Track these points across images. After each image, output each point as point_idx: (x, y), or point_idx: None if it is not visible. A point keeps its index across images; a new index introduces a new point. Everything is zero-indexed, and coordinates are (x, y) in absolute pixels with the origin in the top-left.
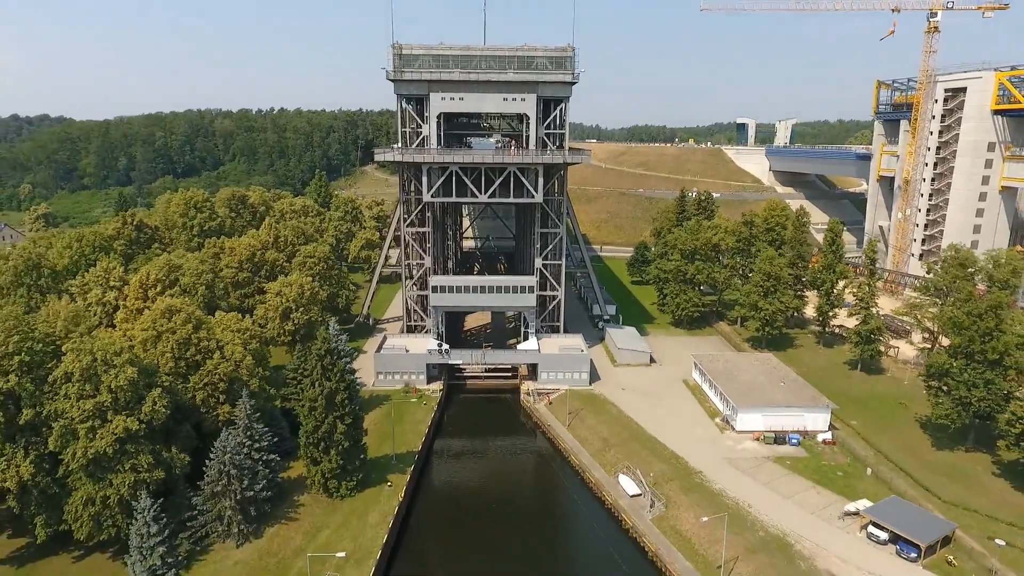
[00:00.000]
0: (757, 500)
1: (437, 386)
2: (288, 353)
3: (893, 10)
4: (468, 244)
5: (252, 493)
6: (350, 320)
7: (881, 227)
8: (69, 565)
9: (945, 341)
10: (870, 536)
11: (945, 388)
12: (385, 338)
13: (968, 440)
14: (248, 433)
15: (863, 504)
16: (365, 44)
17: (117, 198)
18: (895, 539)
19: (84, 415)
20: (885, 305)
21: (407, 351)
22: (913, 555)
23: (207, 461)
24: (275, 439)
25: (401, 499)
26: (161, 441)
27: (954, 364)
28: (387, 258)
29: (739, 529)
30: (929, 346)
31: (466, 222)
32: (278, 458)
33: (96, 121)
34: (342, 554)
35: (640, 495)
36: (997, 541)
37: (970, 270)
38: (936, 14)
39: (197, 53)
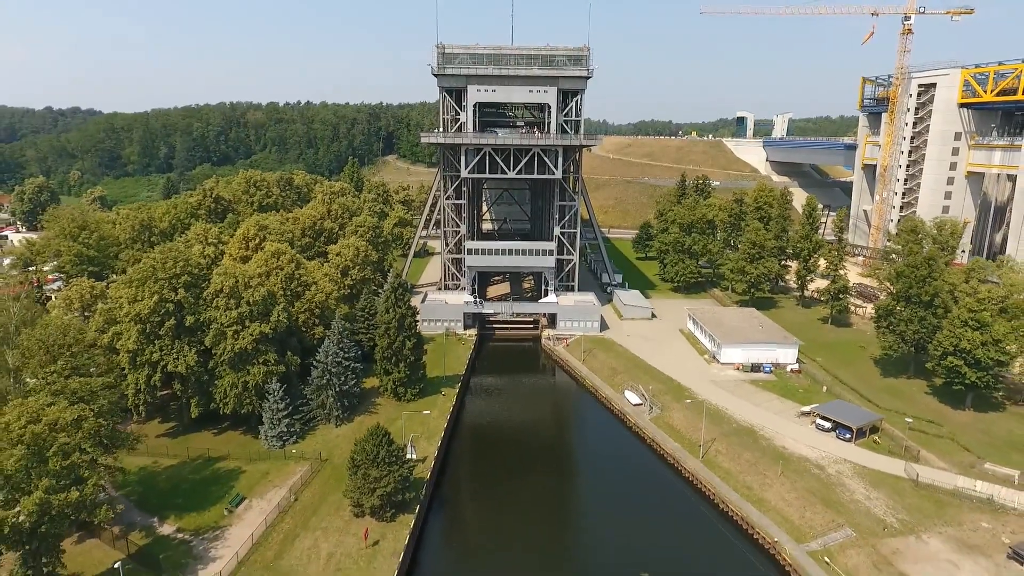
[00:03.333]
0: (733, 406)
1: (472, 332)
2: (349, 306)
3: (872, 14)
4: (486, 227)
5: (346, 388)
6: None
7: (865, 210)
8: (211, 438)
9: None
10: (817, 427)
11: (889, 326)
12: (427, 294)
13: (909, 370)
14: (340, 345)
15: (815, 406)
16: (388, 41)
17: (165, 183)
18: (835, 427)
19: (230, 321)
20: (861, 277)
21: (446, 303)
22: (847, 436)
23: (313, 364)
24: (359, 351)
25: (453, 404)
26: (279, 347)
27: (897, 306)
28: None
29: (717, 423)
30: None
31: (484, 207)
32: (361, 366)
33: (138, 113)
34: (428, 412)
35: (641, 404)
36: (907, 419)
37: (919, 235)
38: (910, 17)
39: (224, 48)
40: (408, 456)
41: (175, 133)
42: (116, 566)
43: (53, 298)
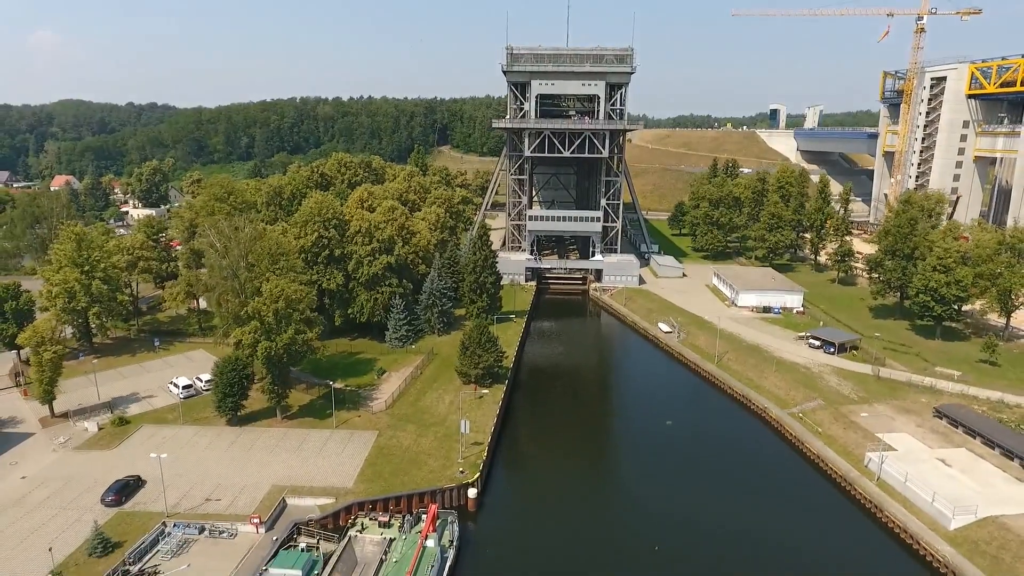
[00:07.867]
0: (744, 332)
1: (532, 284)
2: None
3: (888, 14)
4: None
5: (445, 308)
6: None
7: (885, 194)
8: (349, 341)
9: None
10: (809, 344)
11: (879, 275)
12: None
13: (896, 314)
14: (440, 277)
15: (809, 331)
16: (440, 40)
17: (252, 168)
18: (823, 344)
19: (366, 253)
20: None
21: (511, 259)
22: (831, 350)
23: (422, 291)
24: (452, 285)
25: (524, 328)
26: (397, 276)
27: (885, 258)
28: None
29: (730, 342)
30: None
31: (533, 191)
32: (454, 294)
33: (221, 107)
34: (513, 316)
35: (671, 332)
36: (876, 334)
37: (912, 203)
38: (922, 18)
39: (296, 48)
40: None
41: (254, 125)
42: (335, 384)
43: None
